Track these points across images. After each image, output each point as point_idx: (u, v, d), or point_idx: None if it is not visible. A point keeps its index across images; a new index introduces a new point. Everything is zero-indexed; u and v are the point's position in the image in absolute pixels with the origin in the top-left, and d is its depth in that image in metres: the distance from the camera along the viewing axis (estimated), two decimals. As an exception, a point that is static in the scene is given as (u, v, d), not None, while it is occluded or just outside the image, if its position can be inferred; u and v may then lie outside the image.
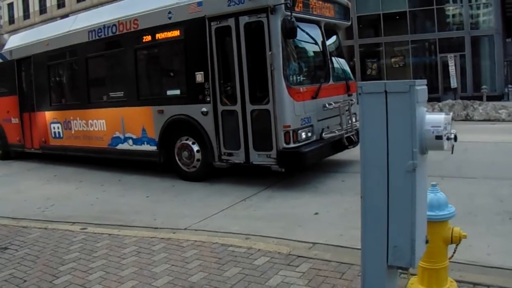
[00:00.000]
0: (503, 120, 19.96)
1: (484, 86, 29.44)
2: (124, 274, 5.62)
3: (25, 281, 5.70)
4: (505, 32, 37.31)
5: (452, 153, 3.25)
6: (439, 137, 3.05)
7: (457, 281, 4.48)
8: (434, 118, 3.10)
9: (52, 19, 50.04)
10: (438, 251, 4.21)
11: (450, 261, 4.45)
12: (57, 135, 14.51)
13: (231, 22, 9.81)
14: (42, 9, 59.92)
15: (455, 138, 3.15)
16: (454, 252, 4.38)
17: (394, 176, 2.96)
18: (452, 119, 3.19)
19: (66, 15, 47.12)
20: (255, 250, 6.07)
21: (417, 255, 3.03)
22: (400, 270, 3.31)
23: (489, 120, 20.23)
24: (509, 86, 33.79)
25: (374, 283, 3.15)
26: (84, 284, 5.43)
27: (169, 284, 5.22)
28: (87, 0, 52.88)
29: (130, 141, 12.14)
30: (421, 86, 3.06)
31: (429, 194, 4.13)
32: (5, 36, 62.91)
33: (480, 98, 25.92)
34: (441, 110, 21.40)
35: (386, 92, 2.94)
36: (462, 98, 25.88)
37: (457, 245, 4.33)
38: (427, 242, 3.37)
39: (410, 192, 2.93)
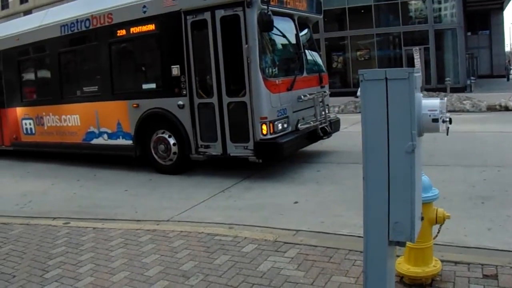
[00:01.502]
0: (467, 111, 20.39)
1: (447, 78, 29.95)
2: (115, 266, 5.68)
3: (14, 276, 5.70)
4: (465, 26, 38.02)
5: (447, 134, 3.44)
6: (435, 120, 3.24)
7: (440, 260, 4.68)
8: (431, 102, 3.29)
9: (15, 14, 49.44)
10: (423, 231, 4.39)
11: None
12: (29, 131, 14.39)
13: (207, 15, 9.89)
14: (4, 4, 58.90)
15: (450, 121, 3.34)
16: (438, 232, 4.63)
17: (394, 157, 3.13)
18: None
19: (29, 11, 46.53)
20: (242, 238, 6.20)
21: (416, 230, 3.22)
22: (397, 246, 3.47)
23: (454, 111, 20.58)
24: (471, 78, 34.46)
25: (376, 257, 3.32)
26: (76, 277, 5.47)
27: (161, 273, 5.31)
28: (51, -5, 52.22)
29: (105, 136, 12.13)
30: (418, 74, 3.25)
31: (414, 178, 4.34)
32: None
33: (444, 90, 26.41)
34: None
35: (386, 79, 3.12)
36: (426, 90, 26.27)
37: (441, 225, 4.58)
38: (422, 219, 3.56)
39: (410, 171, 3.11)
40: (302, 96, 10.31)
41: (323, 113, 10.94)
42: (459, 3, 32.55)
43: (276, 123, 9.64)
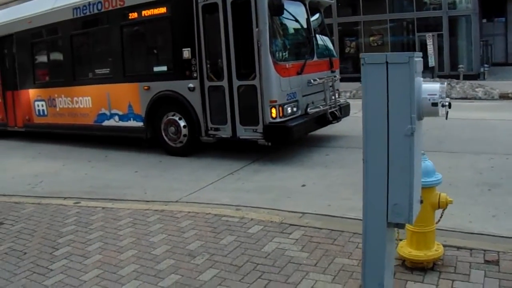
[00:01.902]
0: (480, 98, 20.31)
1: (461, 65, 29.75)
2: (123, 244, 5.80)
3: (25, 253, 5.85)
4: (481, 13, 37.69)
5: (446, 118, 3.48)
6: (435, 104, 3.29)
7: (442, 245, 4.73)
8: (430, 86, 3.33)
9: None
10: (426, 216, 4.47)
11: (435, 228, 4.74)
12: (42, 113, 14.53)
13: (218, -1, 9.94)
14: (17, -13, 59.04)
15: (449, 105, 3.39)
16: (441, 217, 4.67)
17: (394, 140, 3.18)
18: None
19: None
20: (248, 219, 6.30)
21: (414, 213, 3.27)
22: (396, 228, 3.54)
23: (466, 98, 20.56)
24: (485, 65, 34.20)
25: (375, 239, 3.39)
26: (84, 255, 5.61)
27: (168, 252, 5.42)
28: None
29: (116, 118, 12.24)
30: (418, 58, 3.30)
31: (418, 162, 4.39)
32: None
33: (457, 77, 26.21)
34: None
35: (387, 63, 3.17)
36: (439, 76, 26.19)
37: (443, 210, 4.61)
38: (421, 202, 3.62)
39: (409, 154, 3.16)
40: (312, 80, 10.33)
41: (333, 97, 10.98)
42: (474, -11, 32.30)
43: (285, 106, 9.68)
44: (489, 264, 4.58)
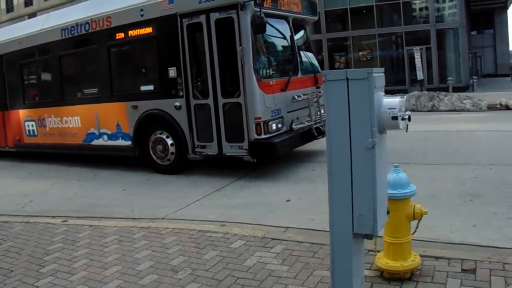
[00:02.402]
0: (468, 110, 20.49)
1: (449, 78, 30.04)
2: (108, 261, 5.88)
3: (11, 271, 5.92)
4: (469, 25, 38.07)
5: (406, 131, 3.60)
6: (395, 118, 3.42)
7: (420, 255, 4.83)
8: (390, 101, 3.46)
9: (20, 17, 49.63)
10: (401, 227, 4.58)
11: (414, 239, 4.83)
12: (32, 133, 14.61)
13: (202, 18, 10.06)
14: (9, 8, 59.27)
15: (409, 118, 3.51)
16: (416, 227, 4.76)
17: (356, 153, 3.31)
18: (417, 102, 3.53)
19: (33, 14, 46.85)
20: (231, 234, 6.38)
21: (379, 223, 3.38)
22: (365, 239, 3.64)
23: (454, 110, 20.74)
24: (474, 77, 34.50)
25: (342, 249, 3.50)
26: (70, 271, 5.68)
27: (151, 268, 5.50)
28: (55, -2, 52.53)
29: (105, 137, 12.33)
30: (379, 74, 3.43)
31: (392, 174, 4.50)
32: (-28, 35, 62.06)
33: (446, 90, 26.47)
34: (408, 102, 21.93)
35: (347, 79, 3.30)
36: (428, 89, 26.37)
37: (419, 221, 4.71)
38: (388, 212, 3.73)
39: (371, 166, 3.28)
40: (296, 97, 10.44)
41: (318, 113, 11.08)
42: (461, 2, 32.65)
43: (270, 123, 9.78)
44: (466, 272, 4.65)
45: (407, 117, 3.48)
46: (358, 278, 3.67)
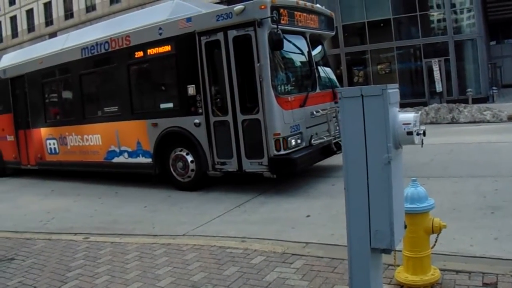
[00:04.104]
0: (488, 121, 20.36)
1: (469, 89, 29.84)
2: (129, 277, 5.94)
3: (35, 287, 6.02)
4: (488, 35, 37.87)
5: (422, 146, 3.63)
6: (410, 133, 3.46)
7: (441, 269, 4.83)
8: (405, 116, 3.50)
9: (41, 37, 50.47)
10: (420, 241, 4.59)
11: (435, 253, 4.83)
12: (53, 151, 14.80)
13: (220, 36, 10.18)
14: (30, 28, 60.15)
15: (424, 133, 3.54)
16: (435, 241, 4.75)
17: (372, 169, 3.35)
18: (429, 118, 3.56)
19: (54, 33, 47.54)
20: (252, 250, 6.41)
21: (396, 238, 3.41)
22: (384, 253, 3.66)
23: (474, 122, 20.63)
24: (494, 88, 34.27)
25: (360, 264, 3.52)
26: (92, 288, 5.77)
27: (172, 284, 5.55)
28: (75, 18, 53.24)
29: (126, 154, 12.45)
30: (393, 90, 3.47)
31: (410, 189, 4.52)
32: (-6, 55, 63.03)
33: (466, 101, 26.31)
34: (427, 115, 21.87)
35: (362, 95, 3.34)
36: (448, 101, 26.28)
37: (438, 234, 4.70)
38: (405, 227, 3.74)
39: (387, 181, 3.32)
40: (315, 112, 10.48)
41: (337, 128, 11.07)
42: (479, 13, 32.49)
43: (289, 139, 9.81)
44: (487, 286, 4.62)
45: (422, 132, 3.51)
46: (376, 291, 3.69)
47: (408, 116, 3.49)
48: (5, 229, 9.54)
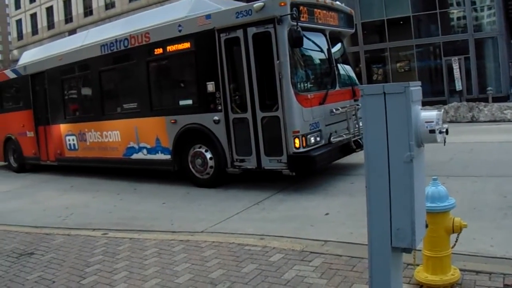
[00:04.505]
0: (509, 120, 20.18)
1: (489, 88, 29.60)
2: (148, 273, 5.95)
3: (54, 282, 6.06)
4: (509, 33, 37.48)
5: (444, 145, 3.59)
6: (432, 131, 3.41)
7: (460, 269, 4.77)
8: (428, 114, 3.45)
9: (60, 34, 50.85)
10: (440, 240, 4.54)
11: (454, 253, 4.77)
12: (72, 147, 14.90)
13: (239, 33, 10.18)
14: (50, 25, 60.58)
15: (447, 132, 3.50)
16: (456, 241, 4.70)
17: (394, 167, 3.32)
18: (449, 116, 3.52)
19: (73, 30, 47.82)
20: (270, 248, 6.40)
21: (417, 237, 3.37)
22: (404, 253, 3.63)
23: (494, 121, 20.47)
24: (515, 86, 33.96)
25: (380, 263, 3.50)
26: (110, 283, 5.78)
27: (190, 281, 5.55)
28: (94, 15, 53.52)
29: (145, 151, 12.50)
30: (416, 87, 3.43)
31: (430, 188, 4.48)
32: (15, 52, 63.85)
33: (486, 100, 26.10)
34: (447, 113, 21.70)
35: (384, 93, 3.31)
36: (468, 100, 26.06)
37: (458, 234, 4.65)
38: (426, 226, 3.71)
39: (409, 180, 3.29)
40: (334, 110, 10.43)
41: (356, 126, 11.04)
42: (500, 10, 32.19)
43: (308, 136, 9.79)
44: (508, 287, 4.57)
45: (444, 130, 3.47)
46: (396, 290, 3.66)
47: (431, 114, 3.45)
48: (24, 224, 9.61)
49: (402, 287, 3.97)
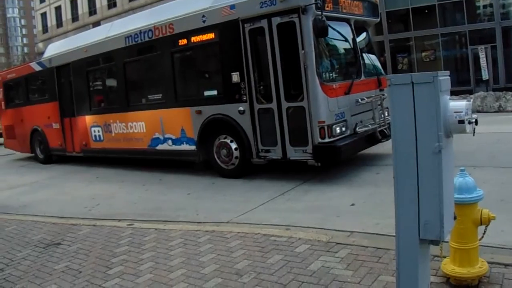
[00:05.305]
0: (536, 111, 19.96)
1: (517, 77, 29.24)
2: (173, 264, 5.98)
3: (80, 272, 6.13)
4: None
5: (473, 135, 3.53)
6: (461, 122, 3.35)
7: (488, 262, 4.69)
8: (457, 104, 3.40)
9: (84, 26, 51.16)
10: (468, 232, 4.47)
11: (482, 245, 4.70)
12: (98, 138, 15.00)
13: (264, 23, 10.14)
14: (74, 17, 61.01)
15: (476, 122, 3.44)
16: (484, 233, 4.62)
17: (422, 158, 3.27)
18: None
19: (97, 22, 48.10)
20: (296, 239, 6.38)
21: (445, 229, 3.32)
22: (431, 244, 3.59)
23: (521, 111, 20.25)
24: (543, 75, 33.47)
25: (408, 255, 3.46)
26: (136, 274, 5.82)
27: (216, 271, 5.56)
28: (118, 7, 53.75)
29: (170, 142, 12.54)
30: (444, 77, 3.37)
31: (458, 179, 4.41)
32: (40, 44, 64.48)
33: (512, 89, 25.80)
34: (473, 103, 21.46)
35: (412, 83, 3.27)
36: (494, 89, 25.73)
37: (486, 226, 4.57)
38: (455, 218, 3.66)
39: (438, 171, 3.24)
40: (360, 100, 10.36)
41: (382, 116, 10.97)
42: (528, -3, 31.75)
43: (334, 127, 9.74)
44: (537, 280, 4.51)
45: (474, 120, 3.41)
46: (424, 284, 3.62)
47: (460, 104, 3.39)
48: (51, 214, 9.74)
49: (429, 279, 3.93)
